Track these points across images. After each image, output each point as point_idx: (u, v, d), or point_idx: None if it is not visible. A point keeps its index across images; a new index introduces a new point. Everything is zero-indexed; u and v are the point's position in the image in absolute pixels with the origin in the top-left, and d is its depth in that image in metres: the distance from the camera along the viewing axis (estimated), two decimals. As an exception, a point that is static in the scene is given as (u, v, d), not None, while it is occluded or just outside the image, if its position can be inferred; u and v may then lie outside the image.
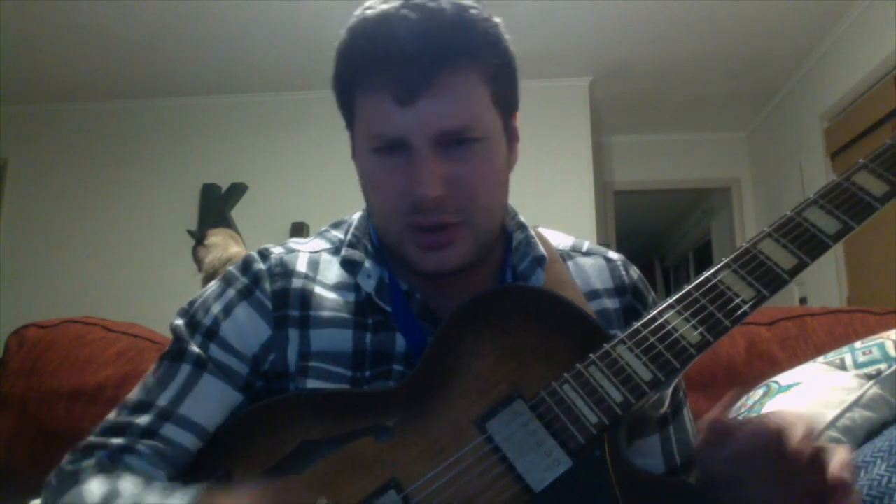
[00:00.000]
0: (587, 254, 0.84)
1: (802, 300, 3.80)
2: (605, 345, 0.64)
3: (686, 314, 0.64)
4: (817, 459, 0.55)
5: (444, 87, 0.63)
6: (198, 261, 2.75)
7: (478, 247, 0.70)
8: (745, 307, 0.63)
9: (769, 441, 0.56)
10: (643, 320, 0.65)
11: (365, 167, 0.70)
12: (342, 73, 0.69)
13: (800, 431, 0.56)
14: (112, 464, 0.65)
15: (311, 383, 0.70)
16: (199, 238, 2.63)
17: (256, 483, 0.58)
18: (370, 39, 0.64)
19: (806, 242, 0.65)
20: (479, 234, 0.70)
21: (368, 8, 0.66)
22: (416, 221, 0.66)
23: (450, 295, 0.73)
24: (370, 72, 0.65)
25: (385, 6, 0.65)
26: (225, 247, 2.61)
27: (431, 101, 0.63)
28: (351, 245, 0.77)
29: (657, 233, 7.56)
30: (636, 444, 0.75)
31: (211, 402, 0.69)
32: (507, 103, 0.70)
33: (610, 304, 0.79)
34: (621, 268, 0.82)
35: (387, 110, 0.64)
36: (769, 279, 0.64)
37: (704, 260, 6.25)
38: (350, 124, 0.72)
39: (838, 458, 0.55)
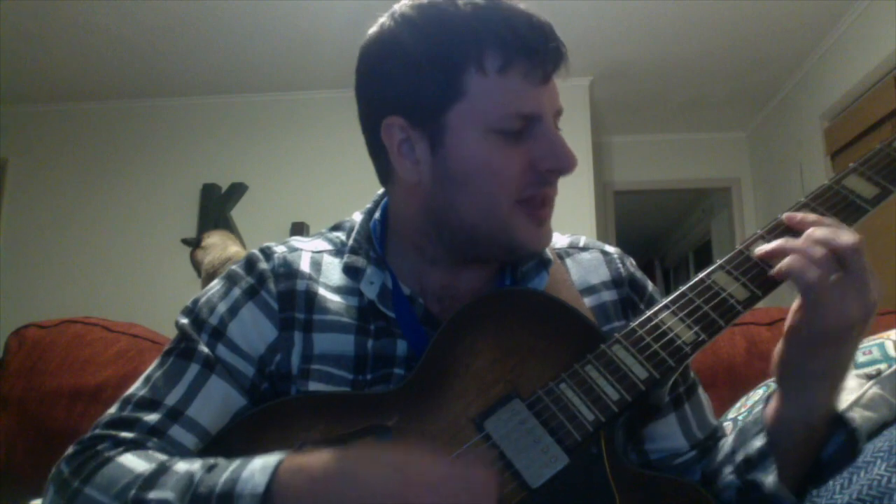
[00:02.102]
0: (584, 249, 0.85)
1: (802, 300, 3.80)
2: (601, 344, 0.65)
3: (681, 314, 0.65)
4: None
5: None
6: (196, 263, 2.71)
7: None
8: (739, 307, 0.65)
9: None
10: (639, 320, 0.66)
11: (473, 148, 0.67)
12: (448, 51, 0.66)
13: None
14: (134, 446, 0.63)
15: (313, 386, 0.70)
16: (194, 242, 2.60)
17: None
18: (507, 19, 0.66)
19: None
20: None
21: None
22: (540, 193, 0.70)
23: (453, 297, 0.74)
24: (515, 49, 0.65)
25: None
26: (223, 246, 2.59)
27: (554, 81, 0.69)
28: (353, 251, 0.76)
29: (657, 233, 7.56)
30: (651, 428, 0.76)
31: (216, 405, 0.68)
32: None
33: (608, 296, 0.80)
34: (618, 260, 0.84)
35: (530, 88, 0.66)
36: (762, 280, 0.65)
37: (704, 260, 6.25)
38: (436, 108, 0.67)
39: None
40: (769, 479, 0.63)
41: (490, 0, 0.67)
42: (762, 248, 0.65)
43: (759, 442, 0.66)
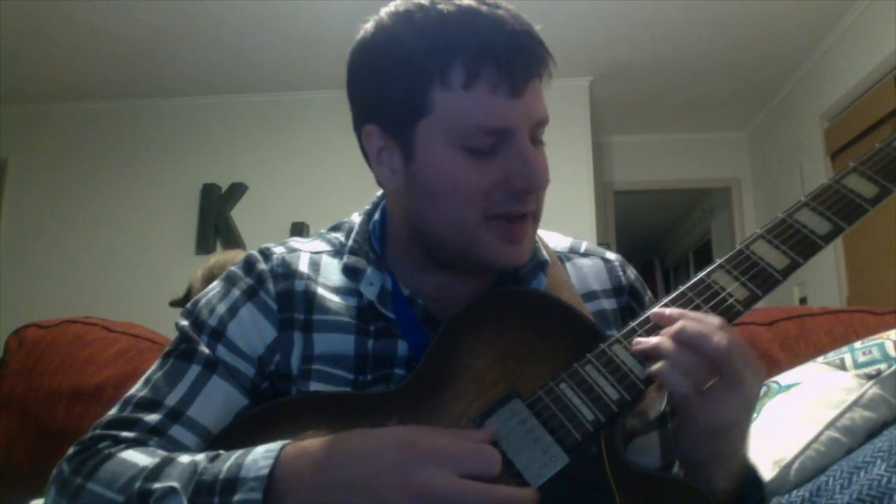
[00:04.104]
0: (585, 255, 0.84)
1: (802, 300, 3.80)
2: (601, 344, 0.65)
3: None
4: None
5: (538, 81, 0.67)
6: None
7: (534, 241, 0.74)
8: (739, 307, 0.64)
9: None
10: (639, 320, 0.66)
11: (441, 162, 0.65)
12: (415, 63, 0.64)
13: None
14: (136, 444, 0.63)
15: (314, 386, 0.70)
16: (182, 299, 2.42)
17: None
18: (475, 30, 0.63)
19: (798, 243, 0.66)
20: (537, 229, 0.73)
21: (435, 3, 0.65)
22: (511, 210, 0.67)
23: (452, 299, 0.74)
24: (480, 62, 0.63)
25: (459, 2, 0.64)
26: (205, 263, 2.48)
27: (532, 92, 0.65)
28: (353, 251, 0.76)
29: (657, 233, 7.56)
30: (637, 441, 0.76)
31: (217, 405, 0.68)
32: None
33: (607, 304, 0.80)
34: (619, 268, 0.83)
35: (498, 101, 0.63)
36: (762, 279, 0.65)
37: (704, 260, 6.24)
38: (406, 120, 0.66)
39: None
40: None
41: (463, 7, 0.64)
42: (638, 344, 0.62)
43: None
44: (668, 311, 0.63)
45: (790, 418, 0.91)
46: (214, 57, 3.76)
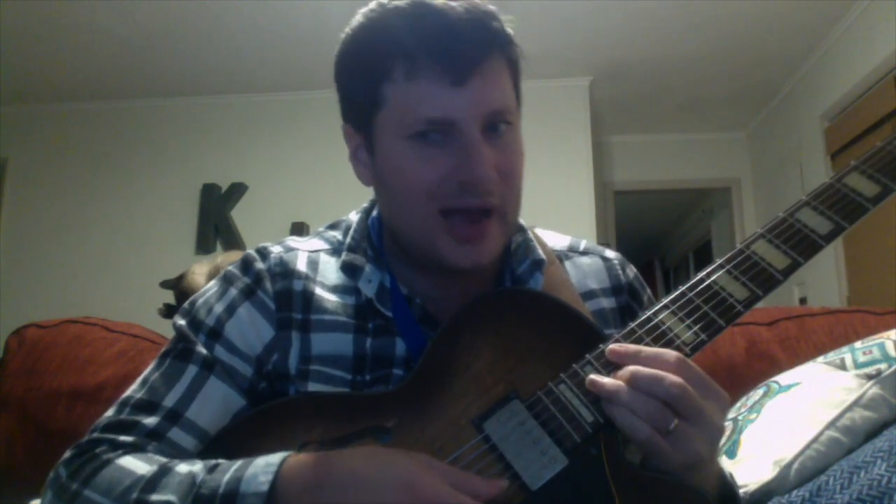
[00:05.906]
0: (584, 253, 0.84)
1: (802, 300, 3.80)
2: (600, 345, 0.64)
3: (681, 314, 0.65)
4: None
5: (490, 70, 0.65)
6: (195, 287, 2.49)
7: (504, 240, 0.72)
8: (739, 307, 0.64)
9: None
10: (638, 320, 0.66)
11: (393, 156, 0.67)
12: (368, 60, 0.67)
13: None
14: (133, 449, 0.63)
15: (312, 386, 0.70)
16: (176, 280, 2.36)
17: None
18: (416, 23, 0.64)
19: (799, 243, 0.66)
20: (508, 227, 0.71)
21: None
22: (461, 204, 0.66)
23: (449, 299, 0.74)
24: (419, 54, 0.64)
25: None
26: (210, 260, 2.46)
27: (480, 82, 0.64)
28: (351, 249, 0.76)
29: (657, 233, 7.56)
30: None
31: (216, 406, 0.68)
32: (519, 98, 0.72)
33: (606, 303, 0.80)
34: (618, 267, 0.83)
35: (439, 92, 0.64)
36: (763, 279, 0.65)
37: (704, 260, 6.24)
38: (366, 116, 0.69)
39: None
40: None
41: (413, 4, 0.65)
42: (594, 383, 0.60)
43: None
44: (622, 348, 0.62)
45: (790, 418, 0.91)
46: (214, 57, 3.76)
